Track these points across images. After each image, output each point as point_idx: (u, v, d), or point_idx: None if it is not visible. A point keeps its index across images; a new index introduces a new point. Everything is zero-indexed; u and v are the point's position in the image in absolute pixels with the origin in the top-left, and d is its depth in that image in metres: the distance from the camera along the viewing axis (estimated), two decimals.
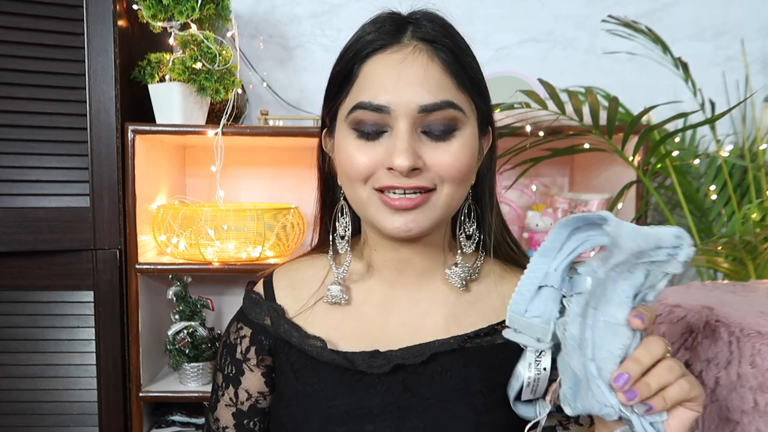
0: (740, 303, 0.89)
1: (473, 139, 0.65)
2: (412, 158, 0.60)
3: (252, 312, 0.76)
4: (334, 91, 0.67)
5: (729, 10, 1.73)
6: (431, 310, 0.72)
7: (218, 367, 0.78)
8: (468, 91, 0.64)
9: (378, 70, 0.62)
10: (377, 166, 0.62)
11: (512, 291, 0.73)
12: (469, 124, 0.64)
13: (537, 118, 1.34)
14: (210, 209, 1.39)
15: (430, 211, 0.64)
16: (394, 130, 0.62)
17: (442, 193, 0.63)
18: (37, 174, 1.28)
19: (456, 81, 0.63)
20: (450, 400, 0.67)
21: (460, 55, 0.64)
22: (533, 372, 0.54)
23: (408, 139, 0.60)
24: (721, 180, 1.56)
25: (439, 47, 0.62)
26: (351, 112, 0.63)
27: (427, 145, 0.62)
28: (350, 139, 0.64)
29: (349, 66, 0.64)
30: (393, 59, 0.62)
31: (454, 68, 0.63)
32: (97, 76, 1.29)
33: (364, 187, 0.64)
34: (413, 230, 0.63)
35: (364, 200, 0.65)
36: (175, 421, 1.47)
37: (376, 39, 0.63)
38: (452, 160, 0.62)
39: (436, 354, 0.68)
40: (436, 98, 0.61)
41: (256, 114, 1.58)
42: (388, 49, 0.62)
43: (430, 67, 0.61)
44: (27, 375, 1.33)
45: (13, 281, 1.31)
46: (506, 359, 0.69)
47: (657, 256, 0.51)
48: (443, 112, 0.61)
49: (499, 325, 0.70)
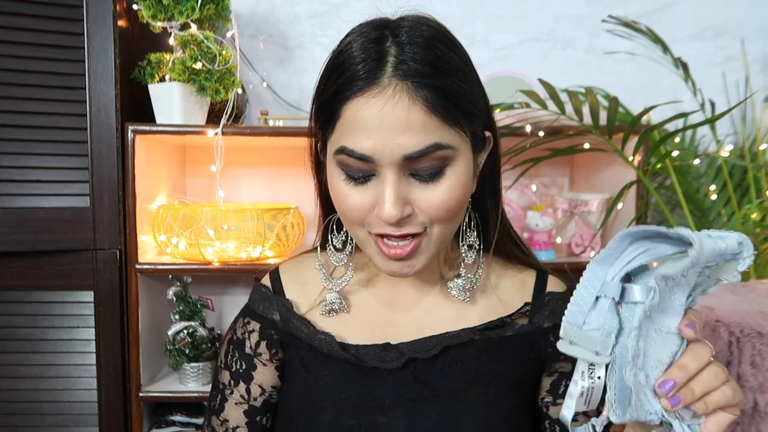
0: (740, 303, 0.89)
1: (465, 170, 0.62)
2: (400, 208, 0.59)
3: (260, 306, 0.76)
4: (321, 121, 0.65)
5: (729, 10, 1.73)
6: (436, 307, 0.73)
7: (223, 366, 0.77)
8: (456, 123, 0.60)
9: (359, 114, 0.59)
10: (368, 210, 0.62)
11: (516, 285, 0.74)
12: (459, 155, 0.61)
13: (537, 118, 1.34)
14: (210, 209, 1.39)
15: (424, 253, 0.64)
16: (381, 176, 0.60)
17: (433, 233, 0.63)
18: (37, 174, 1.28)
19: (441, 118, 0.59)
20: (461, 392, 0.68)
21: (446, 86, 0.59)
22: (587, 381, 0.52)
23: (395, 189, 0.59)
24: (721, 180, 1.56)
25: (421, 85, 0.58)
26: (336, 153, 0.61)
27: (415, 187, 0.61)
28: (339, 179, 0.63)
29: (332, 104, 0.62)
30: (373, 105, 0.58)
31: (439, 104, 0.58)
32: (97, 76, 1.28)
33: (361, 230, 0.64)
34: (410, 273, 0.65)
35: (362, 240, 0.65)
36: (175, 421, 1.47)
37: (356, 78, 0.59)
38: (442, 200, 0.61)
39: (448, 347, 0.69)
40: (421, 144, 0.58)
41: (256, 114, 1.58)
42: (367, 92, 0.58)
43: (412, 111, 0.57)
44: (27, 375, 1.33)
45: (13, 281, 1.31)
46: (515, 351, 0.71)
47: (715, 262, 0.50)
48: (430, 156, 0.59)
49: (509, 317, 0.71)
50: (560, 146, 1.44)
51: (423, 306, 0.73)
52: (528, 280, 0.75)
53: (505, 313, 0.72)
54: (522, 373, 0.71)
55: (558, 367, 0.72)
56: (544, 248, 1.44)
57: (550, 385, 0.73)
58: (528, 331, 0.72)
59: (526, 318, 0.72)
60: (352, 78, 0.59)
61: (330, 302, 0.73)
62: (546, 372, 0.73)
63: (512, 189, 1.54)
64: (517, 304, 0.73)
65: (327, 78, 0.63)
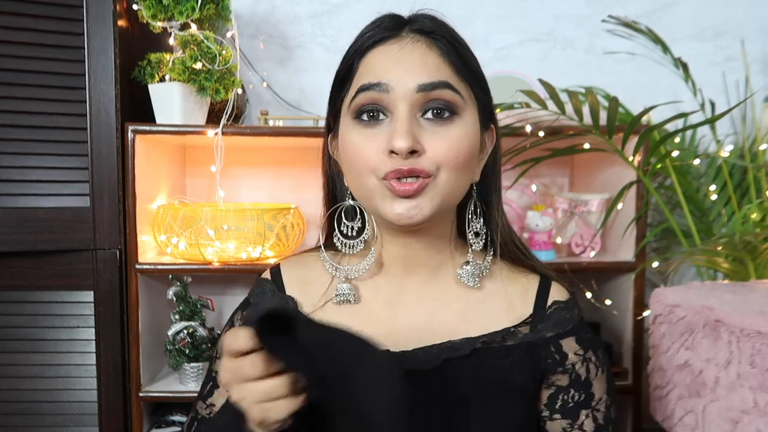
0: (740, 303, 0.89)
1: (473, 128, 0.66)
2: (411, 140, 0.61)
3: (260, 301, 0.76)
4: (336, 89, 0.69)
5: (729, 10, 1.73)
6: (439, 308, 0.72)
7: (218, 356, 0.77)
8: (466, 79, 0.66)
9: (377, 57, 0.65)
10: (380, 152, 0.63)
11: (519, 291, 0.73)
12: (468, 111, 0.65)
13: (537, 118, 1.34)
14: (210, 209, 1.39)
15: (430, 197, 0.64)
16: (394, 115, 0.63)
17: (441, 179, 0.64)
18: (37, 174, 1.28)
19: (454, 68, 0.65)
20: (462, 401, 0.67)
21: (458, 46, 0.66)
22: None
23: (407, 122, 0.62)
24: (721, 180, 1.56)
25: (437, 38, 0.65)
26: (353, 99, 0.65)
27: (426, 130, 0.63)
28: (353, 130, 0.65)
29: (350, 63, 0.67)
30: (392, 48, 0.64)
31: (452, 57, 0.65)
32: (97, 76, 1.28)
33: (371, 177, 0.65)
34: (415, 216, 0.64)
35: (371, 190, 0.65)
36: (175, 421, 1.47)
37: (374, 35, 0.66)
38: (450, 145, 0.63)
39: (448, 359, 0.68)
40: (434, 78, 0.63)
41: (256, 114, 1.58)
42: (386, 42, 0.65)
43: (428, 54, 0.64)
44: (27, 375, 1.33)
45: (13, 281, 1.31)
46: (516, 362, 0.70)
47: None
48: (441, 92, 0.63)
49: (513, 327, 0.70)
50: (560, 146, 1.44)
51: (425, 308, 0.72)
52: (531, 285, 0.74)
53: (507, 317, 0.71)
54: (523, 383, 0.70)
55: (555, 380, 0.71)
56: (544, 248, 1.44)
57: (547, 399, 0.72)
58: (530, 341, 0.71)
59: (528, 327, 0.71)
60: (372, 35, 0.66)
61: (342, 292, 0.72)
62: (544, 384, 0.72)
63: (512, 189, 1.54)
64: (519, 309, 0.72)
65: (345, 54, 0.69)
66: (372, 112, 0.64)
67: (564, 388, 0.71)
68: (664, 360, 0.95)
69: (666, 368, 0.94)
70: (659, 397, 0.96)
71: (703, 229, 1.50)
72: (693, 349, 0.88)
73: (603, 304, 1.48)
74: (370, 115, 0.64)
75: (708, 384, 0.85)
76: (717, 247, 1.23)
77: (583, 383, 0.71)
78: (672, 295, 0.97)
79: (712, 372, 0.84)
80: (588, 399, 0.71)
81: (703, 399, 0.85)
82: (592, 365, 0.71)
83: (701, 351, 0.87)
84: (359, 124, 0.65)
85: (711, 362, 0.85)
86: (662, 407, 0.95)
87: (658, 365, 0.96)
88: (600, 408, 0.72)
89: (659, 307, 0.98)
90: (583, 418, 0.71)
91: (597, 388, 0.72)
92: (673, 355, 0.92)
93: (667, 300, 0.96)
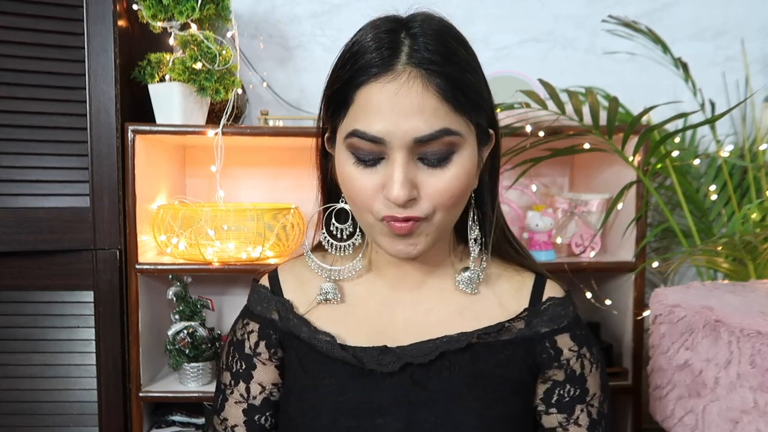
0: (740, 303, 0.89)
1: (471, 159, 0.65)
2: (408, 190, 0.61)
3: (258, 307, 0.77)
4: (332, 110, 0.66)
5: (729, 10, 1.73)
6: (434, 308, 0.73)
7: (225, 367, 0.78)
8: (465, 113, 0.62)
9: (373, 99, 0.61)
10: (376, 192, 0.63)
11: (515, 288, 0.74)
12: (466, 144, 0.64)
13: (537, 118, 1.34)
14: (210, 209, 1.39)
15: (425, 234, 0.65)
16: (391, 159, 0.62)
17: (436, 219, 0.64)
18: (37, 174, 1.28)
19: (452, 106, 0.61)
20: (459, 394, 0.68)
21: (457, 76, 0.61)
22: None
23: (404, 171, 0.61)
24: (721, 180, 1.56)
25: (434, 73, 0.60)
26: (347, 137, 0.63)
27: (423, 172, 0.63)
28: (349, 163, 0.64)
29: (345, 90, 0.63)
30: (388, 90, 0.60)
31: (450, 93, 0.61)
32: (97, 76, 1.28)
33: (368, 214, 0.65)
34: (413, 253, 0.65)
35: (369, 224, 0.66)
36: (175, 421, 1.47)
37: (371, 65, 0.61)
38: (446, 187, 0.63)
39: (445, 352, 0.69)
40: (432, 128, 0.60)
41: (256, 114, 1.58)
42: (382, 78, 0.60)
43: (425, 96, 0.60)
44: (27, 375, 1.33)
45: (13, 281, 1.31)
46: (512, 355, 0.71)
47: None
48: (439, 140, 0.61)
49: (508, 322, 0.71)
50: (560, 146, 1.44)
51: (422, 306, 0.73)
52: (526, 282, 0.75)
53: (501, 314, 0.72)
54: (519, 377, 0.71)
55: (551, 375, 0.72)
56: (544, 248, 1.44)
57: (543, 393, 0.73)
58: (525, 335, 0.71)
59: (523, 322, 0.72)
60: (367, 65, 0.61)
61: (325, 291, 0.73)
62: (540, 378, 0.73)
63: (512, 189, 1.54)
64: (514, 306, 0.73)
65: (340, 66, 0.65)
66: (368, 158, 0.63)
67: (560, 383, 0.72)
68: (664, 360, 0.95)
69: (666, 368, 0.94)
70: (659, 397, 0.96)
71: (703, 229, 1.50)
72: (693, 349, 0.88)
73: (603, 304, 1.48)
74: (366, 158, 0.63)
75: (708, 384, 0.85)
76: (717, 247, 1.23)
77: (578, 378, 0.72)
78: (672, 295, 0.97)
79: (712, 372, 0.84)
80: (583, 394, 0.72)
81: (703, 399, 0.86)
82: (586, 361, 0.72)
83: (701, 351, 0.87)
84: (355, 161, 0.64)
85: (711, 362, 0.85)
86: (662, 407, 0.95)
87: (658, 365, 0.96)
88: (594, 403, 0.73)
89: (659, 307, 0.98)
90: (578, 413, 0.72)
91: (591, 384, 0.73)
92: (673, 355, 0.92)
93: (667, 300, 0.96)
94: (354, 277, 0.75)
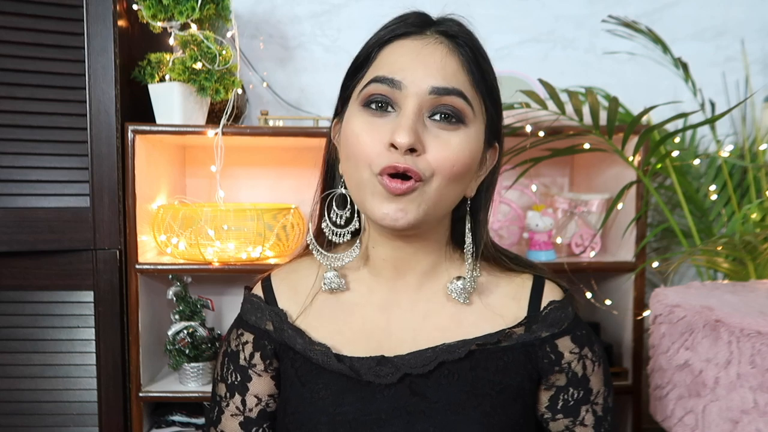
0: (740, 303, 0.89)
1: (476, 141, 0.65)
2: (413, 136, 0.60)
3: (252, 317, 0.75)
4: (350, 74, 0.68)
5: (729, 10, 1.73)
6: (433, 311, 0.72)
7: (220, 378, 0.76)
8: (481, 92, 0.65)
9: (397, 51, 0.64)
10: (380, 144, 0.62)
11: (513, 292, 0.73)
12: (475, 123, 0.64)
13: (537, 118, 1.34)
14: (210, 209, 1.39)
15: (417, 203, 0.63)
16: (402, 110, 0.62)
17: (432, 186, 0.63)
18: (37, 174, 1.28)
19: (471, 78, 0.64)
20: (458, 403, 0.67)
21: (479, 57, 0.65)
22: None
23: (413, 119, 0.61)
24: (721, 180, 1.56)
25: (461, 43, 0.64)
26: (365, 87, 0.64)
27: (430, 132, 0.62)
28: (359, 116, 0.64)
29: (369, 51, 0.66)
30: (413, 44, 0.63)
31: (471, 67, 0.64)
32: (97, 76, 1.28)
33: (366, 170, 0.63)
34: (400, 220, 0.63)
35: (363, 182, 0.64)
36: (175, 421, 1.47)
37: (398, 28, 0.65)
38: (450, 151, 0.62)
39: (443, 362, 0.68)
40: (449, 84, 0.62)
41: (256, 114, 1.58)
42: (409, 37, 0.64)
43: (448, 58, 0.63)
44: (27, 375, 1.33)
45: (13, 281, 1.31)
46: (512, 361, 0.70)
47: None
48: (452, 98, 0.62)
49: (509, 329, 0.70)
50: (560, 146, 1.44)
51: (418, 311, 0.72)
52: (524, 284, 0.74)
53: (500, 318, 0.71)
54: (519, 383, 0.70)
55: (554, 380, 0.72)
56: (544, 248, 1.44)
57: (548, 400, 0.72)
58: (525, 341, 0.70)
59: (524, 327, 0.71)
60: (396, 28, 0.65)
61: (329, 280, 0.72)
62: (543, 385, 0.72)
63: (512, 189, 1.54)
64: (513, 310, 0.72)
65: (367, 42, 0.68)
66: (381, 103, 0.63)
67: (563, 387, 0.72)
68: (663, 360, 0.95)
69: (666, 368, 0.94)
70: (659, 397, 0.96)
71: (703, 229, 1.50)
72: (693, 349, 0.88)
73: (603, 304, 1.48)
74: (379, 105, 0.63)
75: (708, 384, 0.85)
76: (717, 247, 1.23)
77: (580, 380, 0.71)
78: (672, 295, 0.97)
79: (712, 372, 0.84)
80: (587, 394, 0.72)
81: (703, 399, 0.85)
82: (588, 361, 0.72)
83: (701, 351, 0.87)
84: (366, 111, 0.64)
85: (711, 362, 0.85)
86: (662, 407, 0.95)
87: (658, 365, 0.96)
88: (599, 401, 0.72)
89: (659, 307, 0.97)
90: (583, 414, 0.72)
91: (594, 383, 0.72)
92: (673, 355, 0.92)
93: (667, 300, 0.96)
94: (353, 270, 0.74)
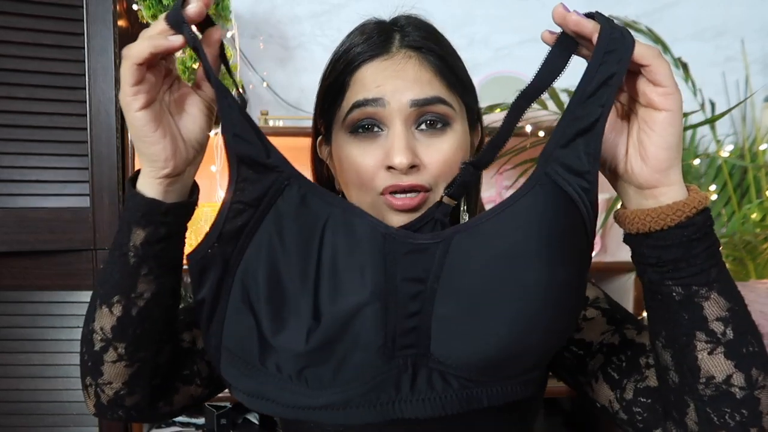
0: None
1: (464, 135, 0.66)
2: (410, 155, 0.61)
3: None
4: (327, 103, 0.67)
5: (729, 10, 1.73)
6: None
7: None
8: (457, 91, 0.65)
9: (370, 73, 0.63)
10: (378, 167, 0.62)
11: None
12: (458, 120, 0.65)
13: (537, 118, 1.34)
14: (210, 209, 1.38)
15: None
16: (391, 130, 0.62)
17: (437, 192, 0.63)
18: (37, 174, 1.28)
19: (446, 82, 0.64)
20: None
21: (448, 58, 0.65)
22: None
23: (405, 137, 0.61)
24: (721, 180, 1.56)
25: (428, 53, 0.64)
26: (348, 114, 0.63)
27: (421, 142, 0.63)
28: (349, 145, 0.64)
29: (341, 78, 0.65)
30: (385, 66, 0.63)
31: (444, 71, 0.64)
32: (97, 76, 1.28)
33: (369, 193, 0.64)
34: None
35: (369, 205, 0.64)
36: (175, 421, 1.47)
37: (365, 50, 0.64)
38: (446, 157, 0.63)
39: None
40: (428, 94, 0.62)
41: (256, 114, 1.58)
42: (378, 58, 0.63)
43: (421, 71, 0.63)
44: (27, 375, 1.33)
45: (13, 281, 1.31)
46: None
47: None
48: (434, 106, 0.62)
49: None
50: None
51: None
52: None
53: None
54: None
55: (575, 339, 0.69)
56: None
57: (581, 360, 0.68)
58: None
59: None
60: (362, 52, 0.64)
61: None
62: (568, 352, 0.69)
63: (512, 189, 1.54)
64: None
65: (333, 64, 0.67)
66: (368, 125, 0.63)
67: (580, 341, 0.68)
68: None
69: None
70: None
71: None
72: None
73: None
74: (366, 127, 0.63)
75: None
76: None
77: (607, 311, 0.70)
78: None
79: None
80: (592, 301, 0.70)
81: None
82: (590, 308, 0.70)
83: None
84: (355, 138, 0.64)
85: None
86: None
87: None
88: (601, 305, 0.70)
89: None
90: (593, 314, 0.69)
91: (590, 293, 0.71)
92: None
93: None
94: None
